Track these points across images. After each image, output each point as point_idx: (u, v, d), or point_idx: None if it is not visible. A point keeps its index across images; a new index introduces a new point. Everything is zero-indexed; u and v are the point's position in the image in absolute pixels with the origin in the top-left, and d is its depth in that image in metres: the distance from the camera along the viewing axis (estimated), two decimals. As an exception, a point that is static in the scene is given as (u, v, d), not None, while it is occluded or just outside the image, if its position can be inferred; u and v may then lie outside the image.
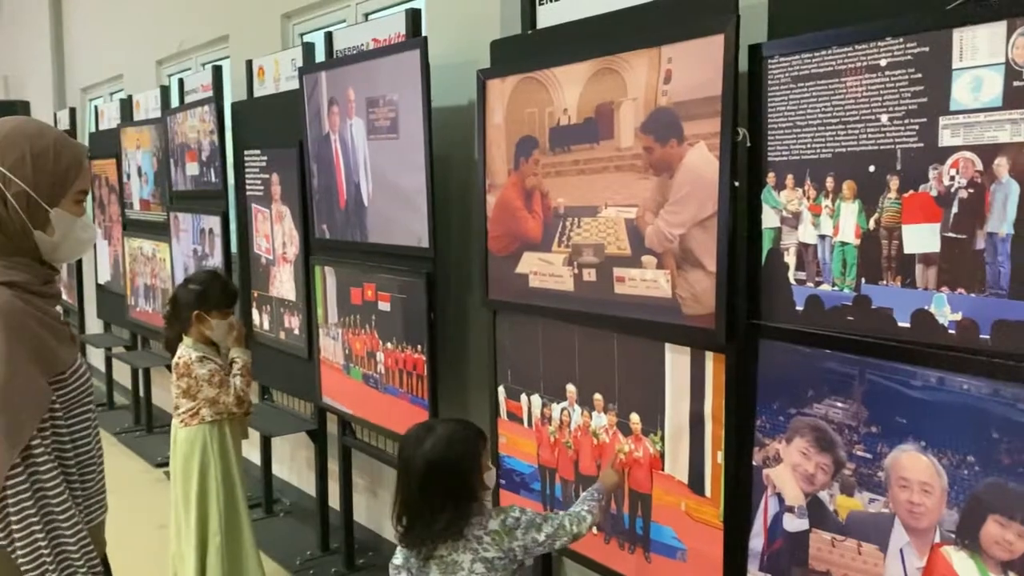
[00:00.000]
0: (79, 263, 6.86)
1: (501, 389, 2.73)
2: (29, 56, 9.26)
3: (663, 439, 2.20)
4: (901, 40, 1.63)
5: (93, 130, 6.77)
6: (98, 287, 6.71)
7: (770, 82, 1.88)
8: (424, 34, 2.99)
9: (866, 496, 1.75)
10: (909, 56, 1.63)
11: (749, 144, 1.92)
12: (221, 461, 3.10)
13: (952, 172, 1.58)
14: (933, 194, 1.61)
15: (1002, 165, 1.51)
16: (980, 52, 1.53)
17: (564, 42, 2.41)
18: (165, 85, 5.40)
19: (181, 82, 4.98)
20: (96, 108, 6.80)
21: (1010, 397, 1.52)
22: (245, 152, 4.12)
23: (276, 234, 3.95)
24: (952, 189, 1.58)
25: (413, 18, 3.05)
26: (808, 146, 1.81)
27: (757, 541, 1.99)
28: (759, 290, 1.95)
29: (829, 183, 1.78)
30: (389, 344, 3.19)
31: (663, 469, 2.20)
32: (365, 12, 3.97)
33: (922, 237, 1.63)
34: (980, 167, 1.54)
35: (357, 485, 3.82)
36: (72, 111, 7.35)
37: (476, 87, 2.67)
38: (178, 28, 5.78)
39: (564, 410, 2.50)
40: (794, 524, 1.90)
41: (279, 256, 3.95)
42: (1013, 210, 1.50)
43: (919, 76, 1.61)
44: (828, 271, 1.80)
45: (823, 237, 1.80)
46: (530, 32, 2.62)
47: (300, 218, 3.70)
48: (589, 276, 2.34)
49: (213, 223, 4.45)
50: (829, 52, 1.75)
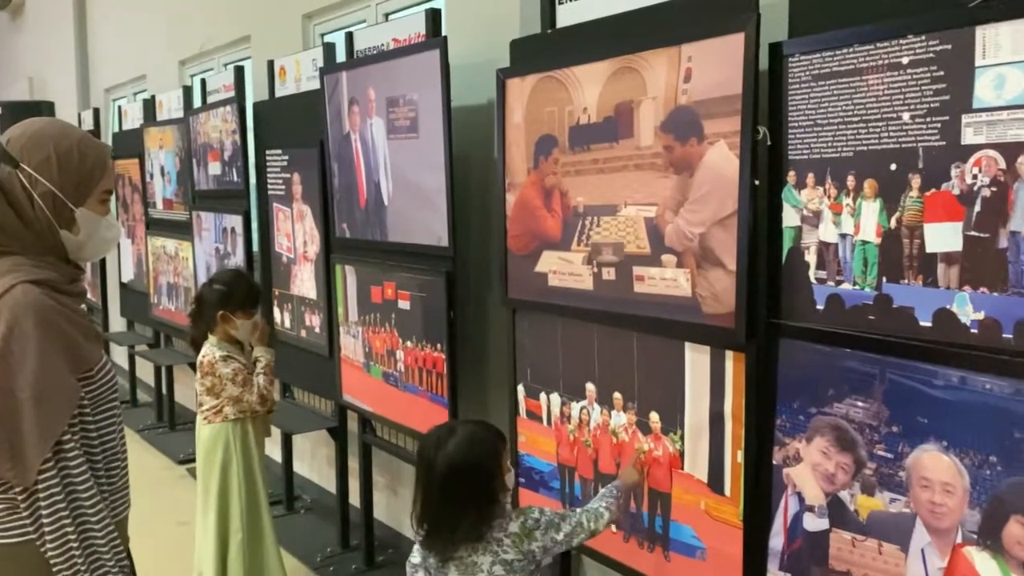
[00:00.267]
0: (103, 262, 6.91)
1: (520, 387, 2.73)
2: (54, 57, 9.37)
3: (682, 438, 2.20)
4: (923, 38, 1.63)
5: (116, 130, 6.83)
6: (121, 286, 6.77)
7: (791, 80, 1.87)
8: (444, 34, 3.00)
9: (887, 496, 1.75)
10: (931, 54, 1.62)
11: (769, 143, 1.92)
12: (243, 458, 3.13)
13: (975, 170, 1.57)
14: (955, 192, 1.60)
15: (1025, 163, 1.50)
16: (1003, 50, 1.52)
17: (584, 41, 2.42)
18: (188, 85, 5.44)
19: (203, 82, 5.01)
20: (119, 108, 6.85)
21: (1033, 397, 1.51)
22: (267, 152, 4.15)
23: (297, 233, 3.97)
24: (975, 187, 1.57)
25: (433, 18, 3.06)
26: (829, 144, 1.81)
27: (777, 540, 1.99)
28: (779, 289, 1.94)
29: (850, 182, 1.77)
30: (409, 342, 3.21)
31: (683, 468, 2.20)
32: (385, 12, 3.99)
33: (944, 236, 1.62)
34: (1003, 165, 1.53)
35: (377, 483, 3.84)
36: (96, 111, 7.42)
37: (496, 86, 2.68)
38: (200, 29, 5.82)
39: (583, 409, 2.50)
40: (814, 524, 1.90)
41: (300, 255, 3.97)
42: (1036, 208, 1.49)
43: (941, 74, 1.60)
44: (849, 270, 1.79)
45: (844, 236, 1.80)
46: (550, 31, 2.62)
47: (321, 217, 3.73)
48: (608, 275, 2.34)
49: (235, 222, 4.49)
50: (850, 50, 1.75)
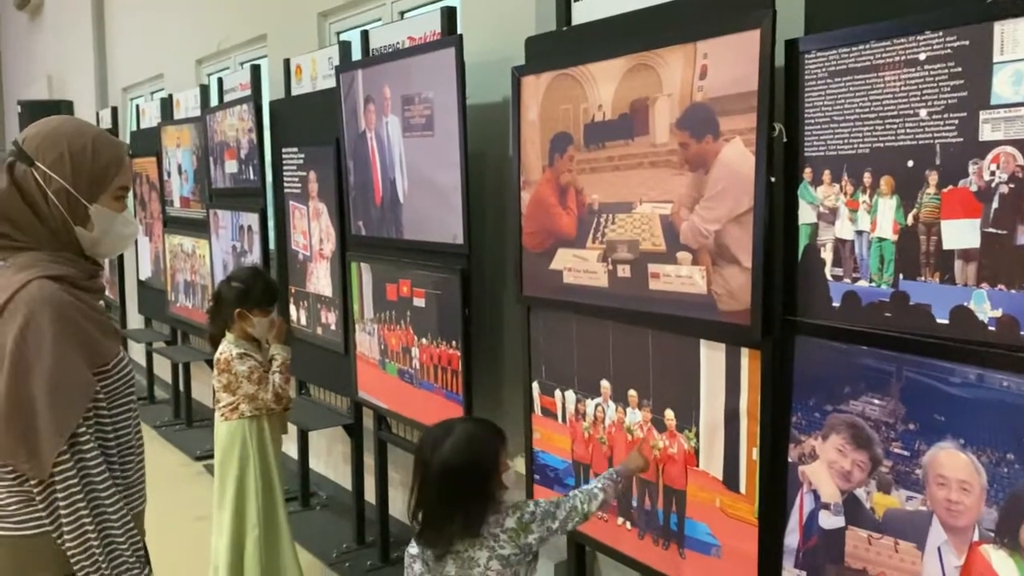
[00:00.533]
0: (120, 260, 6.97)
1: (535, 385, 2.74)
2: (72, 57, 9.45)
3: (698, 435, 2.19)
4: (940, 34, 1.62)
5: (134, 128, 6.88)
6: (139, 283, 6.82)
7: (807, 77, 1.87)
8: (459, 32, 3.00)
9: (903, 494, 1.74)
10: (949, 50, 1.61)
11: (785, 139, 1.91)
12: (259, 455, 3.14)
13: (992, 167, 1.56)
14: (973, 189, 1.59)
15: (1044, 160, 1.49)
16: (1021, 45, 1.51)
17: (599, 39, 2.42)
18: (204, 84, 5.48)
19: (220, 81, 5.04)
20: (137, 107, 6.91)
21: (1051, 394, 1.50)
22: (283, 150, 4.17)
23: (313, 231, 3.99)
24: (992, 184, 1.56)
25: (448, 16, 3.06)
26: (845, 141, 1.80)
27: (792, 538, 1.99)
28: (795, 286, 1.94)
29: (867, 178, 1.77)
30: (424, 340, 3.22)
31: (698, 465, 2.20)
32: (401, 10, 4.00)
33: (961, 233, 1.61)
34: (1021, 162, 1.52)
35: (392, 479, 3.85)
36: (114, 110, 7.48)
37: (511, 84, 2.68)
38: (217, 28, 5.86)
39: (598, 406, 2.50)
40: (830, 521, 1.89)
41: (316, 252, 3.99)
42: (1055, 205, 1.48)
43: (959, 70, 1.60)
44: (865, 267, 1.79)
45: (860, 233, 1.79)
46: (565, 29, 2.62)
47: (337, 215, 3.74)
48: (623, 272, 2.34)
49: (251, 220, 4.51)
50: (867, 47, 1.74)
